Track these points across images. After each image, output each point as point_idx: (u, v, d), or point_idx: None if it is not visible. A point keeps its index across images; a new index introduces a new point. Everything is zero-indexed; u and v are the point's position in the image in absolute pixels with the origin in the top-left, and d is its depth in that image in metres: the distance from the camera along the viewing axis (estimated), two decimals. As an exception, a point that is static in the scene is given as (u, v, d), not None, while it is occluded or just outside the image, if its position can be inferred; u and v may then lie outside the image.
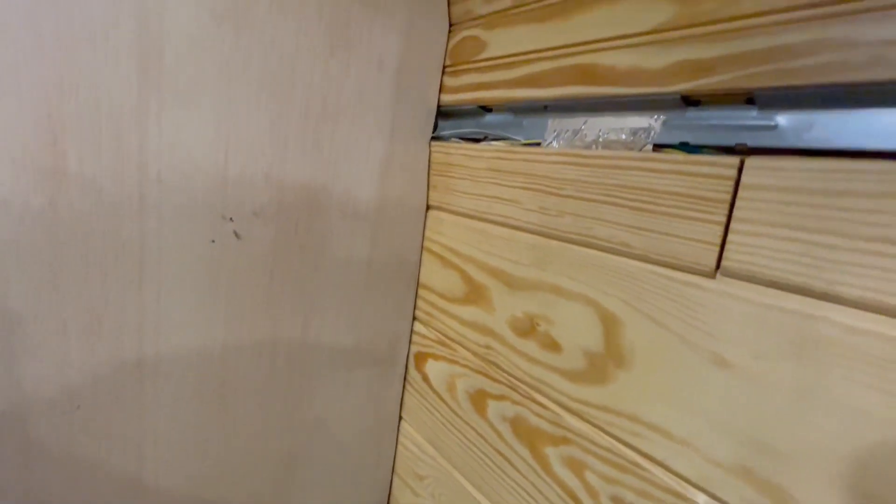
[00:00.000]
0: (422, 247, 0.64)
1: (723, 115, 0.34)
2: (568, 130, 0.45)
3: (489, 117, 0.55)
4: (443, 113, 0.61)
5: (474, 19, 0.54)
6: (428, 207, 0.63)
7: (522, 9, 0.48)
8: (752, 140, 0.32)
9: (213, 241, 0.47)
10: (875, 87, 0.26)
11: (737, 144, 0.33)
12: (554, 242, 0.44)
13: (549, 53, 0.45)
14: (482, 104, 0.54)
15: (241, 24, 0.45)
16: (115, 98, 0.40)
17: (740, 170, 0.31)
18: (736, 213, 0.31)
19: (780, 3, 0.29)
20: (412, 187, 0.61)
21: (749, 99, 0.32)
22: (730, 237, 0.31)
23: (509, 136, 0.52)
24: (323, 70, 0.50)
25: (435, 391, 0.62)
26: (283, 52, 0.47)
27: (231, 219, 0.48)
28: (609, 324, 0.40)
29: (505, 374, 0.51)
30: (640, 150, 0.38)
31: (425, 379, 0.64)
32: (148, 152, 0.43)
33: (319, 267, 0.56)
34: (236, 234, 0.48)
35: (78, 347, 0.44)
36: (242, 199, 0.48)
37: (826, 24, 0.28)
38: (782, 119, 0.31)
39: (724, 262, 0.32)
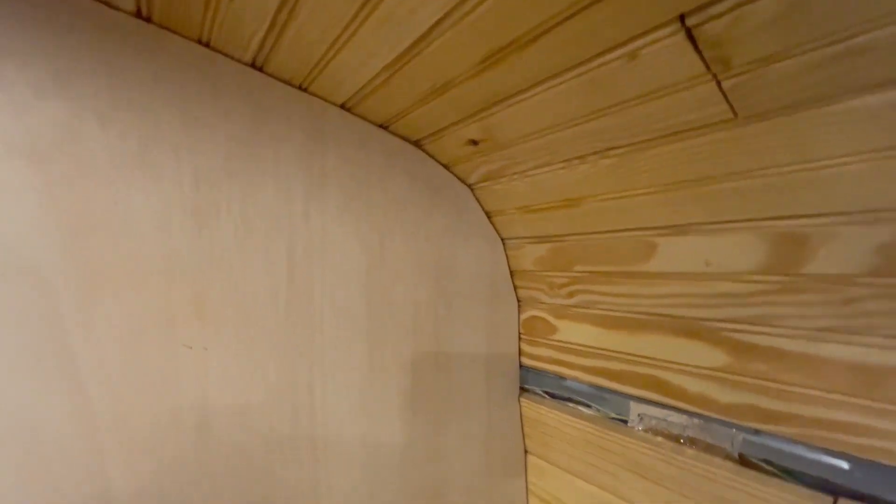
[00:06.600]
0: (526, 490, 0.70)
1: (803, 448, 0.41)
2: (653, 418, 0.53)
3: (570, 383, 0.64)
4: (525, 369, 0.70)
5: (539, 303, 0.66)
6: (526, 452, 0.70)
7: (588, 311, 0.59)
8: (833, 476, 0.39)
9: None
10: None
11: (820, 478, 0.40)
12: (667, 527, 0.50)
13: (622, 356, 0.54)
14: (563, 376, 0.63)
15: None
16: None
17: (833, 516, 0.37)
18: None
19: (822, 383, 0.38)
20: (510, 442, 0.69)
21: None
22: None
23: (594, 405, 0.60)
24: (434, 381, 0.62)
25: None
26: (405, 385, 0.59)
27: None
28: None
29: None
30: (725, 458, 0.45)
31: None
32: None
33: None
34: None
35: None
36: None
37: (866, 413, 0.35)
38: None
39: None
